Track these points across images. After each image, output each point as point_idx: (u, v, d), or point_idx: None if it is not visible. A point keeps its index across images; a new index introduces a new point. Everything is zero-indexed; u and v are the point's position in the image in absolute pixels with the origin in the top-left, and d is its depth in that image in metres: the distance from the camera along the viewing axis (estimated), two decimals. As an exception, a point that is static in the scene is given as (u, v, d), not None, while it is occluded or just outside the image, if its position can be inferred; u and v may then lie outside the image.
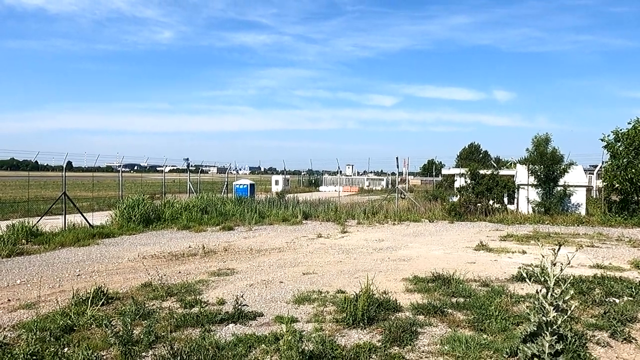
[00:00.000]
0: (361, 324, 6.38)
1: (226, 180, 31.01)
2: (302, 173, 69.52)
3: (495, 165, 31.01)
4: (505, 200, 24.90)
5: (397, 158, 26.85)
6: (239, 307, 6.83)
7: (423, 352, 5.54)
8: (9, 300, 7.99)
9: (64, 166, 17.95)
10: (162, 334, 6.02)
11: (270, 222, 20.05)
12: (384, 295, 7.47)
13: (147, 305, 7.30)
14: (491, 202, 23.68)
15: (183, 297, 7.87)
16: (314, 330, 6.22)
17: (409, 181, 54.83)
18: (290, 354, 4.80)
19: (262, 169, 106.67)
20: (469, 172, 24.90)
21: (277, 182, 48.83)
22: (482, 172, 24.88)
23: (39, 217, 15.95)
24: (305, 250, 13.31)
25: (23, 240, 13.67)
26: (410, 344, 5.73)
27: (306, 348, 5.14)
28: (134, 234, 16.18)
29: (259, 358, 5.22)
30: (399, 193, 27.03)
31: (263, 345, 5.63)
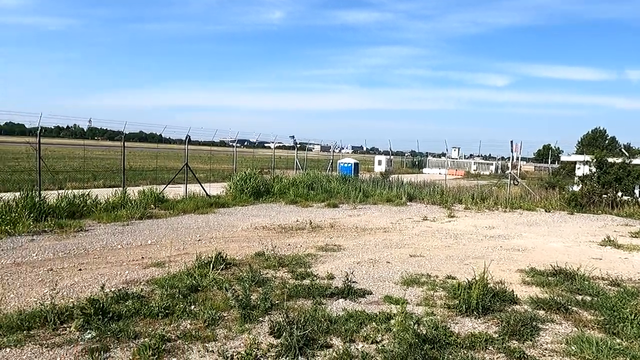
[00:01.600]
0: (475, 313, 6.12)
1: (331, 158, 31.48)
2: (406, 154, 68.29)
3: (626, 153, 27.74)
4: (637, 192, 22.24)
5: (511, 142, 25.18)
6: (349, 283, 6.91)
7: (546, 349, 5.16)
8: (142, 257, 8.90)
9: (186, 140, 19.42)
10: (277, 302, 6.30)
11: (374, 201, 20.00)
12: (499, 285, 7.08)
13: (261, 273, 7.68)
14: (619, 194, 21.29)
15: (294, 269, 8.16)
16: (425, 313, 6.10)
17: (520, 167, 51.36)
18: (405, 335, 4.74)
19: (365, 149, 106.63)
20: (594, 160, 22.57)
21: (379, 162, 48.51)
22: (610, 160, 22.40)
23: (164, 185, 17.51)
24: (411, 232, 13.08)
25: (152, 205, 15.11)
26: (530, 339, 5.37)
27: (419, 331, 5.04)
28: (245, 206, 17.12)
29: (371, 335, 5.23)
30: (511, 179, 25.41)
31: (374, 323, 5.65)
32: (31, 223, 11.09)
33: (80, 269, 7.84)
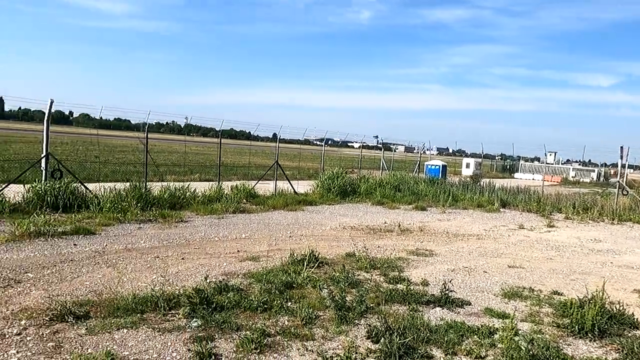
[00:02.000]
0: (589, 335, 5.59)
1: (419, 159, 30.80)
2: (496, 157, 65.03)
3: None
4: None
5: (621, 147, 22.93)
6: (446, 292, 6.63)
7: (680, 385, 4.57)
8: (238, 251, 9.23)
9: (277, 138, 19.96)
10: (371, 305, 6.21)
11: (464, 206, 19.21)
12: (616, 306, 6.42)
13: (354, 274, 7.62)
14: None
15: (386, 272, 8.01)
16: (532, 331, 5.67)
17: (627, 175, 46.77)
18: (515, 354, 4.42)
19: (451, 150, 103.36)
20: None
21: (468, 165, 46.60)
22: None
23: (256, 181, 18.10)
24: (507, 241, 12.36)
25: (244, 200, 15.69)
26: (659, 372, 4.79)
27: (528, 350, 4.69)
28: (332, 204, 17.22)
29: (474, 350, 4.96)
30: (619, 188, 23.18)
31: (476, 336, 5.35)
32: (138, 212, 11.96)
33: (183, 258, 8.29)
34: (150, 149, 15.85)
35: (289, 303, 6.11)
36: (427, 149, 43.94)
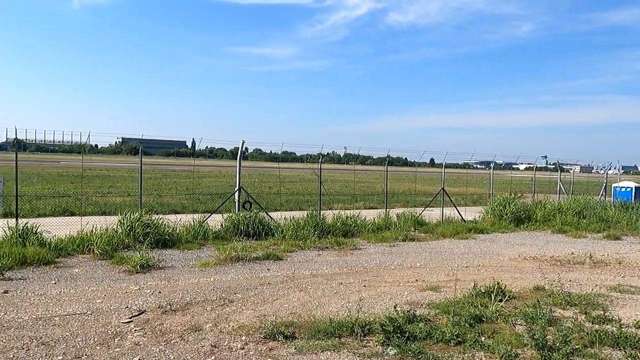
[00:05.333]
0: None
1: (605, 181, 27.29)
2: None
3: None
4: None
5: None
6: (672, 337, 5.70)
7: None
8: (416, 280, 9.23)
9: (444, 163, 19.64)
10: (576, 346, 5.64)
11: (670, 235, 16.35)
12: None
13: (549, 310, 7.03)
14: None
15: (586, 310, 7.21)
16: None
17: None
18: None
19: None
20: None
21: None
22: None
23: (422, 209, 17.98)
24: None
25: (412, 228, 15.68)
26: None
27: None
28: (506, 232, 16.19)
29: None
30: None
31: None
32: (316, 239, 12.80)
33: (364, 285, 8.61)
34: (314, 179, 16.92)
35: (482, 338, 5.89)
36: (613, 167, 38.60)
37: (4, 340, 5.52)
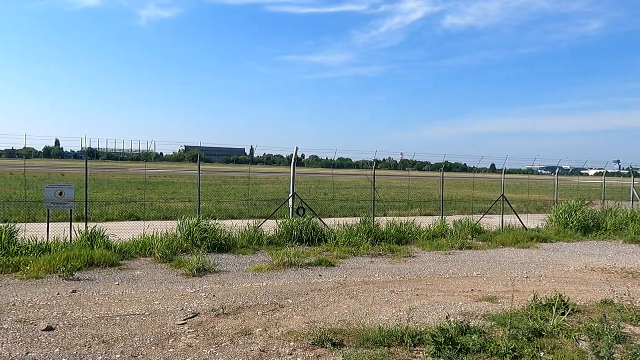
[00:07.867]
0: None
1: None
2: None
3: None
4: None
5: None
6: None
7: None
8: (471, 290, 8.90)
9: (504, 169, 18.87)
10: (648, 367, 5.20)
11: None
12: None
13: (618, 326, 6.54)
14: None
15: (661, 327, 6.64)
16: None
17: None
18: None
19: None
20: None
21: None
22: None
23: (480, 216, 17.36)
24: None
25: (469, 236, 15.17)
26: None
27: None
28: (571, 242, 15.28)
29: None
30: None
31: None
32: (369, 246, 12.68)
33: (417, 294, 8.41)
34: (369, 185, 16.78)
35: (541, 353, 5.58)
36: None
37: (69, 337, 5.88)
